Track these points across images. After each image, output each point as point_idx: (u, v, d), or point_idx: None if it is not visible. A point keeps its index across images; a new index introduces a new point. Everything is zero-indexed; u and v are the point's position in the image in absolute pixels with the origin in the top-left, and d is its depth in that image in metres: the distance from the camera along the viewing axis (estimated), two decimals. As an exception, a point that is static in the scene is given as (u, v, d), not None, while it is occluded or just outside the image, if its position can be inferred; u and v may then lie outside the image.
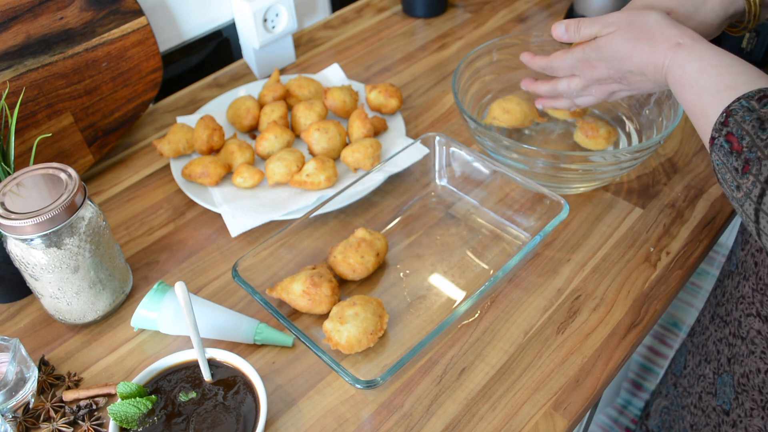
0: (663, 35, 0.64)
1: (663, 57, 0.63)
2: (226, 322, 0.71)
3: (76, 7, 0.85)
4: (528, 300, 0.75)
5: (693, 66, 0.60)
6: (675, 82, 0.62)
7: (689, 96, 0.60)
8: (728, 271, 0.73)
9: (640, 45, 0.65)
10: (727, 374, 0.70)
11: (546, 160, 0.78)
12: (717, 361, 0.73)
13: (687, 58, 0.61)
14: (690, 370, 0.79)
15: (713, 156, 0.56)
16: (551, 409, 0.65)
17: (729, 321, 0.70)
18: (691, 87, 0.60)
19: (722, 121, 0.55)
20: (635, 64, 0.66)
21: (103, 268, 0.71)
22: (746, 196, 0.52)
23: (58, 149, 0.88)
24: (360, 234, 0.77)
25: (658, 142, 0.76)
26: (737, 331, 0.69)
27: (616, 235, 0.81)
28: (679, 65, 0.62)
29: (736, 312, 0.69)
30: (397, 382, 0.68)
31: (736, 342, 0.69)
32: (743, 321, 0.68)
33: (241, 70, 1.13)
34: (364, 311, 0.68)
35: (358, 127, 0.91)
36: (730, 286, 0.72)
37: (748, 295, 0.67)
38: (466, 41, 1.17)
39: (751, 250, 0.67)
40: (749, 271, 0.67)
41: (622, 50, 0.67)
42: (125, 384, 0.62)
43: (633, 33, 0.66)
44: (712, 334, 0.74)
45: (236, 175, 0.87)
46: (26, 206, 0.64)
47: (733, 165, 0.53)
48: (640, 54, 0.65)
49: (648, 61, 0.65)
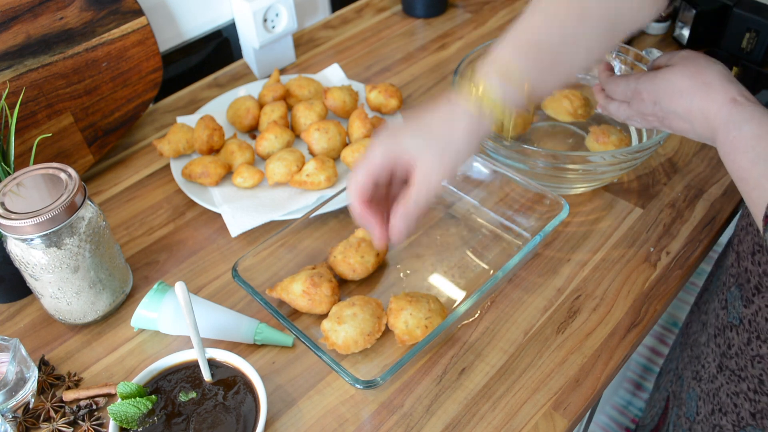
0: (722, 86, 0.60)
1: (717, 110, 0.60)
2: (226, 322, 0.71)
3: (76, 7, 0.85)
4: (528, 300, 0.75)
5: (750, 129, 0.57)
6: (727, 143, 0.58)
7: (743, 162, 0.56)
8: (729, 324, 0.70)
9: (696, 87, 0.62)
10: (754, 428, 0.68)
11: (546, 160, 0.78)
12: (736, 414, 0.70)
13: (744, 119, 0.57)
14: (703, 417, 0.77)
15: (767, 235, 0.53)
16: (551, 409, 0.65)
17: (745, 377, 0.68)
18: (746, 153, 0.56)
19: None
20: (683, 107, 0.63)
21: (103, 268, 0.71)
22: None
23: (58, 149, 0.88)
24: (360, 234, 0.77)
25: (658, 142, 0.76)
26: (759, 388, 0.67)
27: (616, 235, 0.81)
28: (735, 125, 0.58)
29: (753, 369, 0.67)
30: (397, 382, 0.68)
31: (761, 399, 0.67)
32: (766, 380, 0.66)
33: (241, 70, 1.13)
34: (362, 312, 0.68)
35: (358, 127, 0.91)
36: (737, 341, 0.69)
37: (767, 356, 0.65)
38: (466, 41, 1.17)
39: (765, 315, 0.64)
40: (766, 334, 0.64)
41: (675, 84, 0.63)
42: (125, 384, 0.62)
43: (692, 72, 0.62)
44: (723, 386, 0.72)
45: (236, 175, 0.87)
46: (26, 206, 0.64)
47: None
48: (692, 97, 0.62)
49: (698, 108, 0.61)
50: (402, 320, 0.67)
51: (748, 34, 1.00)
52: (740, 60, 1.03)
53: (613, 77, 0.71)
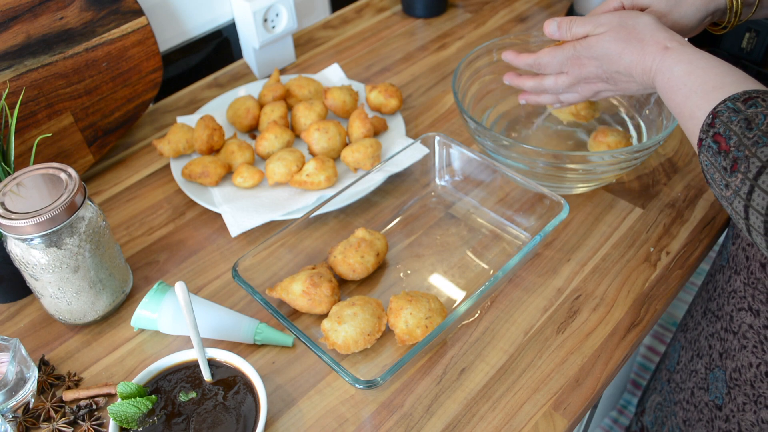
0: (653, 38, 0.65)
1: (651, 60, 0.64)
2: (226, 322, 0.71)
3: (76, 7, 0.85)
4: (528, 300, 0.75)
5: (681, 69, 0.61)
6: (663, 86, 0.63)
7: (678, 98, 0.61)
8: (719, 266, 0.74)
9: (630, 46, 0.66)
10: (719, 369, 0.71)
11: (546, 160, 0.78)
12: (709, 356, 0.73)
13: (675, 61, 0.62)
14: (683, 366, 0.80)
15: (701, 157, 0.57)
16: (551, 409, 0.65)
17: (721, 316, 0.71)
18: (679, 89, 0.60)
19: (709, 123, 0.56)
20: (624, 65, 0.67)
21: (103, 268, 0.71)
22: (735, 194, 0.53)
23: (58, 149, 0.88)
24: (360, 234, 0.77)
25: (657, 142, 0.76)
26: (729, 325, 0.69)
27: (616, 235, 0.81)
28: (667, 68, 0.62)
29: (728, 306, 0.70)
30: (397, 382, 0.68)
31: (728, 337, 0.70)
32: (735, 315, 0.68)
33: (241, 70, 1.13)
34: (362, 312, 0.68)
35: (358, 127, 0.91)
36: (721, 280, 0.72)
37: (739, 289, 0.68)
38: (466, 41, 1.17)
39: (742, 245, 0.68)
40: (740, 265, 0.68)
41: (612, 50, 0.67)
42: (125, 384, 0.62)
43: (623, 34, 0.67)
44: (704, 329, 0.75)
45: (236, 175, 0.87)
46: (26, 206, 0.64)
47: (722, 164, 0.54)
48: (630, 55, 0.66)
49: (636, 63, 0.66)
50: (402, 320, 0.67)
51: (748, 34, 1.00)
52: (740, 60, 1.03)
53: (541, 52, 0.74)
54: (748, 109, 0.53)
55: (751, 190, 0.51)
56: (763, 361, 0.66)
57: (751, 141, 0.52)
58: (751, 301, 0.66)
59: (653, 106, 0.86)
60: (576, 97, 0.76)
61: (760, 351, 0.66)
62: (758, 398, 0.67)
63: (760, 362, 0.66)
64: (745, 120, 0.53)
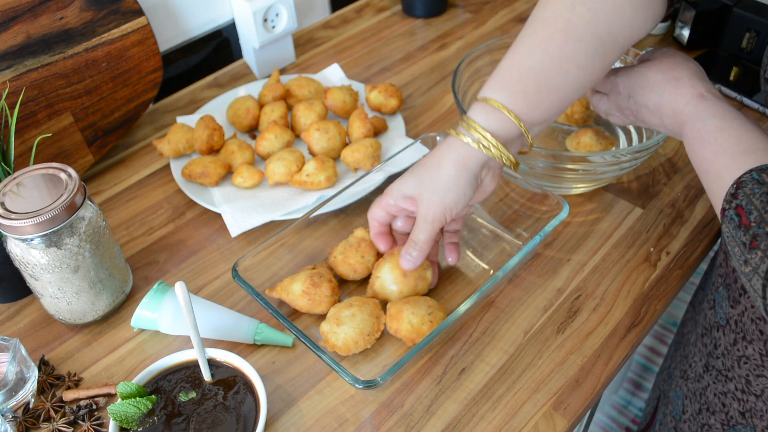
0: (691, 82, 0.62)
1: (685, 104, 0.62)
2: (226, 322, 0.71)
3: (76, 7, 0.85)
4: (528, 300, 0.75)
5: (714, 123, 0.58)
6: (693, 136, 0.60)
7: (706, 154, 0.58)
8: (716, 323, 0.71)
9: (666, 81, 0.64)
10: (744, 427, 0.69)
11: (546, 160, 0.78)
12: (724, 414, 0.71)
13: (710, 113, 0.59)
14: (690, 416, 0.77)
15: (723, 228, 0.55)
16: (551, 409, 0.65)
17: (732, 377, 0.69)
18: (709, 144, 0.58)
19: (732, 193, 0.53)
20: (654, 100, 0.65)
21: (103, 268, 0.71)
22: (754, 272, 0.51)
23: (58, 149, 0.88)
24: (359, 234, 0.77)
25: (657, 143, 0.76)
26: (746, 388, 0.67)
27: (616, 235, 0.81)
28: (700, 118, 0.60)
29: (740, 370, 0.67)
30: (397, 382, 0.68)
31: (749, 398, 0.67)
32: (753, 381, 0.66)
33: (241, 70, 1.13)
34: (360, 312, 0.68)
35: (358, 127, 0.91)
36: (723, 341, 0.70)
37: (754, 357, 0.65)
38: (466, 41, 1.17)
39: (751, 316, 0.65)
40: (752, 335, 0.65)
41: (649, 79, 0.65)
42: (125, 384, 0.62)
43: (665, 66, 0.65)
44: (710, 385, 0.72)
45: (236, 175, 0.87)
46: (26, 206, 0.64)
47: (741, 239, 0.52)
48: (663, 91, 0.64)
49: (668, 102, 0.63)
50: (406, 321, 0.67)
51: (748, 34, 1.00)
52: (740, 60, 1.03)
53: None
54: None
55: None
56: None
57: None
58: None
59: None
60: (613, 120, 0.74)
61: None
62: None
63: None
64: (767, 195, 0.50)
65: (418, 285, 0.72)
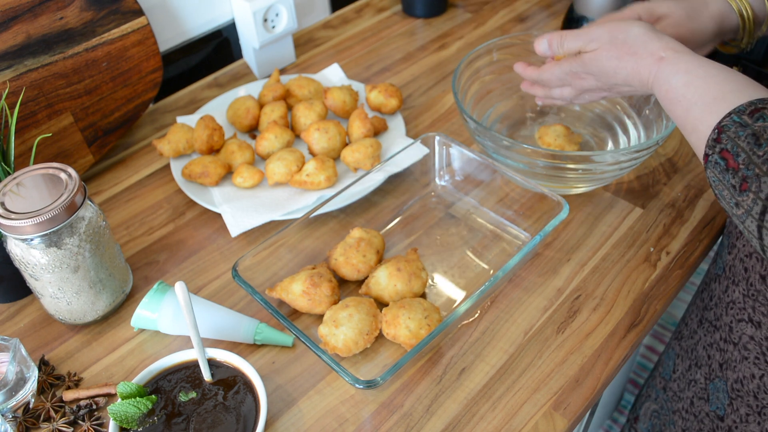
0: (646, 50, 0.63)
1: (647, 72, 0.63)
2: (226, 322, 0.71)
3: (76, 7, 0.85)
4: (528, 300, 0.75)
5: (678, 80, 0.60)
6: (662, 97, 0.62)
7: (678, 111, 0.59)
8: (714, 275, 0.73)
9: (624, 61, 0.65)
10: (720, 380, 0.70)
11: (546, 160, 0.78)
12: (708, 366, 0.72)
13: (671, 72, 0.60)
14: (680, 374, 0.79)
15: (708, 172, 0.55)
16: (551, 409, 0.65)
17: (719, 326, 0.70)
18: (679, 102, 0.59)
19: (715, 138, 0.54)
20: (621, 78, 0.67)
21: (103, 268, 0.71)
22: (747, 213, 0.51)
23: (58, 149, 0.88)
24: (357, 234, 0.77)
25: (657, 142, 0.76)
26: (728, 336, 0.68)
27: (616, 235, 0.81)
28: (664, 79, 0.61)
29: (726, 317, 0.69)
30: (397, 382, 0.68)
31: (728, 347, 0.69)
32: (735, 326, 0.67)
33: (241, 70, 1.13)
34: (358, 312, 0.68)
35: (358, 127, 0.91)
36: (717, 290, 0.71)
37: (738, 300, 0.66)
38: (466, 41, 1.17)
39: (740, 255, 0.67)
40: (738, 276, 0.67)
41: (606, 67, 0.67)
42: (125, 384, 0.62)
43: (615, 50, 0.66)
44: (701, 338, 0.74)
45: (236, 175, 0.87)
46: (26, 206, 0.64)
47: (730, 182, 0.52)
48: (625, 70, 0.65)
49: (633, 76, 0.65)
50: (403, 326, 0.67)
51: (748, 34, 1.00)
52: (740, 60, 1.03)
53: (542, 68, 0.75)
54: (755, 123, 0.51)
55: (763, 211, 0.50)
56: (765, 372, 0.65)
57: (762, 159, 0.50)
58: (752, 312, 0.65)
59: (653, 106, 0.86)
60: (586, 101, 0.76)
61: (763, 362, 0.65)
62: (762, 409, 0.66)
63: (763, 373, 0.66)
64: (753, 135, 0.51)
65: (412, 281, 0.72)
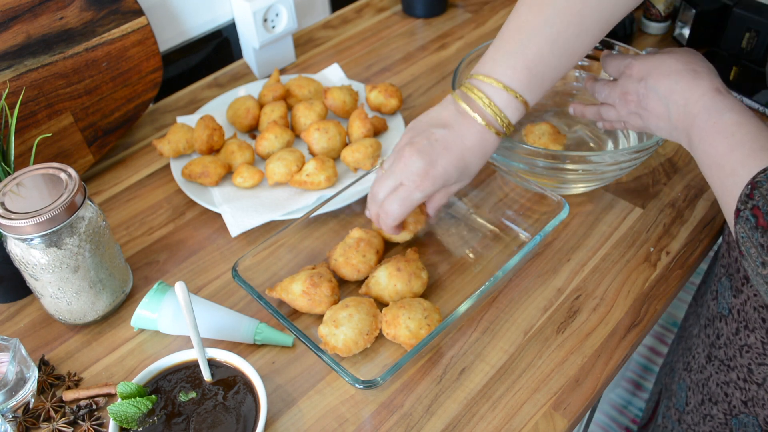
0: (709, 77, 0.62)
1: (700, 96, 0.60)
2: (226, 322, 0.71)
3: (76, 7, 0.85)
4: (528, 300, 0.75)
5: (731, 117, 0.57)
6: (707, 129, 0.59)
7: (722, 148, 0.57)
8: (718, 314, 0.71)
9: (686, 71, 0.62)
10: (747, 416, 0.69)
11: (546, 160, 0.78)
12: (727, 403, 0.71)
13: (727, 107, 0.58)
14: (693, 408, 0.78)
15: (738, 228, 0.54)
16: (551, 409, 0.65)
17: (733, 366, 0.69)
18: (726, 138, 0.56)
19: (747, 194, 0.52)
20: (667, 86, 0.63)
21: (103, 268, 0.71)
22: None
23: (58, 149, 0.88)
24: (356, 234, 0.77)
25: (657, 142, 0.76)
26: (748, 377, 0.67)
27: (616, 235, 0.81)
28: (717, 111, 0.58)
29: (742, 359, 0.67)
30: (397, 382, 0.68)
31: (750, 387, 0.67)
32: (755, 369, 0.66)
33: (241, 70, 1.13)
34: (357, 312, 0.68)
35: (358, 127, 0.91)
36: (726, 330, 0.70)
37: (756, 345, 0.65)
38: (466, 41, 1.17)
39: (753, 304, 0.65)
40: (754, 323, 0.65)
41: (668, 65, 0.64)
42: (125, 384, 0.62)
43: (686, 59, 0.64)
44: (713, 375, 0.73)
45: (236, 175, 0.87)
46: (26, 206, 0.64)
47: (759, 241, 0.51)
48: (681, 79, 0.63)
49: (682, 90, 0.62)
50: (403, 326, 0.67)
51: (748, 34, 1.00)
52: (740, 60, 1.03)
53: (612, 53, 0.74)
54: None
55: None
56: None
57: None
58: None
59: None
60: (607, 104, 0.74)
61: None
62: None
63: None
64: None
65: (412, 281, 0.72)
